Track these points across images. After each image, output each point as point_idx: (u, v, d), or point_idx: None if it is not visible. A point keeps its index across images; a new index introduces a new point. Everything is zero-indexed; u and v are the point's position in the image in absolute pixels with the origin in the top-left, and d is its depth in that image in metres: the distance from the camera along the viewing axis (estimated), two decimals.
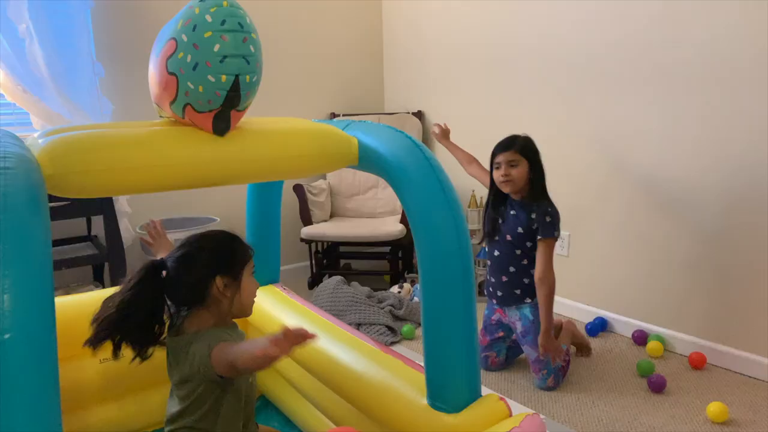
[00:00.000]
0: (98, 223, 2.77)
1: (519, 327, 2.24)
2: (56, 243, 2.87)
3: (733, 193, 2.21)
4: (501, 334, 2.34)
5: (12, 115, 2.80)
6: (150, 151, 1.13)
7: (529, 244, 2.19)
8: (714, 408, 1.93)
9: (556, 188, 2.25)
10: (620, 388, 2.18)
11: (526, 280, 2.22)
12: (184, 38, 1.09)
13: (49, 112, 2.67)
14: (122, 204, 2.84)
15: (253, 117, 1.35)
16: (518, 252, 2.21)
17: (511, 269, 2.23)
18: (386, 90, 3.94)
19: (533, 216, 2.15)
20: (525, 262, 2.22)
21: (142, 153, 1.12)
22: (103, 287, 2.88)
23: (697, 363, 2.29)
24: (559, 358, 2.15)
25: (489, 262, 2.33)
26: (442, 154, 3.56)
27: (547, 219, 2.13)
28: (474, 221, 3.16)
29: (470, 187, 3.12)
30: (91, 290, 2.77)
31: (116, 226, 2.69)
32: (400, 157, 1.27)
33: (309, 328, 1.66)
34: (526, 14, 2.89)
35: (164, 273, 1.34)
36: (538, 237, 2.14)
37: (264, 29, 3.79)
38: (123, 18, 2.96)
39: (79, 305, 1.72)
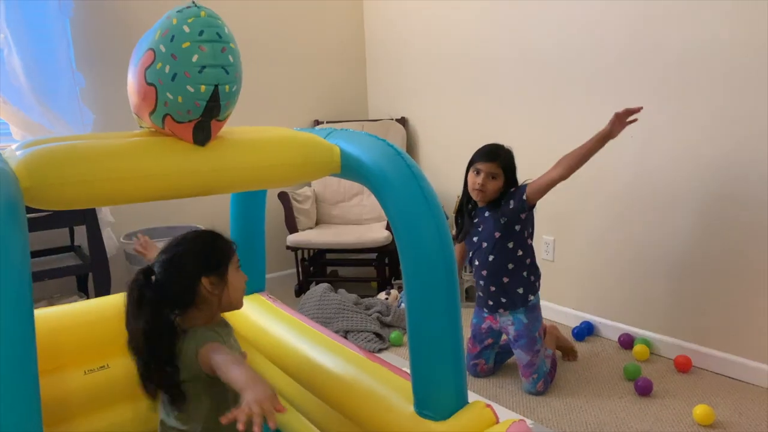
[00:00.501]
0: (81, 233, 2.74)
1: (512, 331, 2.22)
2: (39, 253, 2.84)
3: (719, 197, 2.23)
4: (490, 341, 2.33)
5: None
6: (129, 163, 1.11)
7: (515, 228, 2.17)
8: (700, 410, 1.95)
9: None
10: (607, 392, 2.19)
11: (519, 290, 2.20)
12: (162, 49, 1.09)
13: (30, 123, 2.64)
14: (105, 214, 2.81)
15: (234, 126, 1.34)
16: (511, 245, 2.19)
17: (510, 266, 2.20)
18: (370, 97, 3.95)
19: (502, 202, 2.16)
20: (520, 253, 2.20)
21: (120, 164, 1.10)
22: (87, 297, 2.85)
23: (683, 366, 2.31)
24: None
25: (481, 273, 2.27)
26: (426, 161, 3.58)
27: (511, 190, 2.17)
28: None
29: (455, 193, 3.12)
30: (75, 301, 2.74)
31: (99, 235, 2.66)
32: (381, 164, 1.27)
33: (296, 338, 1.67)
34: (508, 19, 2.90)
35: (153, 278, 1.33)
36: (524, 197, 2.11)
37: (245, 37, 3.79)
38: (102, 27, 2.94)
39: (62, 317, 1.70)
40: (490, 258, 2.21)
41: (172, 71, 1.08)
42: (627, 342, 2.53)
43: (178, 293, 1.31)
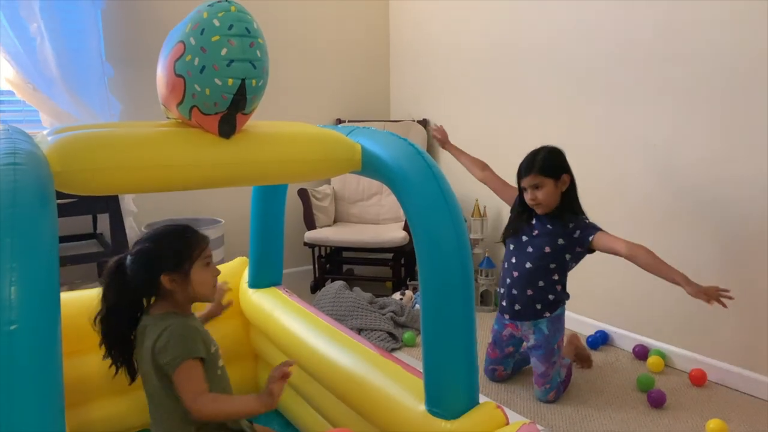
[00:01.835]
0: (104, 221, 2.79)
1: (532, 340, 2.20)
2: (62, 240, 2.89)
3: (737, 208, 2.21)
4: (511, 349, 2.31)
5: (21, 112, 2.83)
6: (156, 152, 1.14)
7: (566, 256, 2.14)
8: (713, 425, 1.92)
9: None
10: (619, 402, 2.17)
11: (551, 296, 2.18)
12: (192, 41, 1.12)
13: (58, 111, 2.69)
14: (128, 203, 2.86)
15: (259, 120, 1.36)
16: (552, 266, 2.15)
17: (540, 283, 2.16)
18: (392, 97, 3.96)
19: (571, 225, 2.10)
20: (555, 277, 2.17)
21: (148, 153, 1.13)
22: None
23: (698, 380, 2.29)
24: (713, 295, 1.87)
25: (512, 274, 2.23)
26: (446, 163, 3.57)
27: (586, 221, 2.12)
28: (477, 230, 3.16)
29: (474, 196, 3.13)
30: (96, 287, 2.78)
31: (121, 224, 2.71)
32: (402, 164, 1.28)
33: (310, 331, 1.68)
34: (531, 21, 2.90)
35: (125, 268, 1.41)
36: (590, 238, 2.06)
37: (271, 34, 3.81)
38: (133, 19, 2.99)
39: (83, 301, 1.73)
40: (528, 265, 2.17)
41: (201, 64, 1.11)
42: (641, 353, 2.51)
43: (140, 286, 1.40)
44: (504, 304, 2.27)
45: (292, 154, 1.31)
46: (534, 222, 2.19)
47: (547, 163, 2.10)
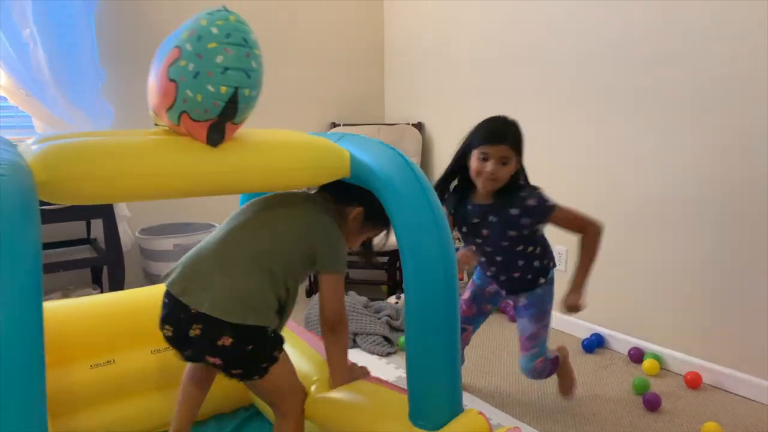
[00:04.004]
0: (98, 226, 2.78)
1: (522, 301, 2.00)
2: (55, 245, 2.88)
3: (730, 212, 2.21)
4: (489, 307, 2.13)
5: (14, 118, 2.81)
6: (142, 160, 1.13)
7: (526, 232, 1.89)
8: (709, 428, 1.92)
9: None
10: (614, 405, 2.17)
11: (536, 263, 1.97)
12: (188, 47, 1.12)
13: (51, 116, 2.68)
14: (122, 208, 2.85)
15: (247, 128, 1.36)
16: (520, 247, 1.93)
17: (520, 262, 1.95)
18: (387, 101, 3.96)
19: (515, 212, 1.84)
20: (530, 249, 1.95)
21: (134, 162, 1.12)
22: (101, 291, 2.89)
23: (693, 382, 2.28)
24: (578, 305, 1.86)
25: (490, 262, 2.00)
26: (440, 166, 3.57)
27: (530, 203, 1.83)
28: None
29: None
30: (89, 293, 2.78)
31: (115, 229, 2.70)
32: (391, 173, 1.28)
33: (290, 349, 1.66)
34: (528, 26, 2.90)
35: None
36: (545, 222, 1.87)
37: (263, 37, 3.81)
38: (126, 24, 2.99)
39: (72, 310, 1.73)
40: (498, 259, 1.97)
41: (196, 69, 1.12)
42: (637, 356, 2.51)
43: (344, 192, 1.49)
44: (496, 280, 2.04)
45: (279, 162, 1.31)
46: (474, 220, 1.92)
47: (519, 138, 1.84)
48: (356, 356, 2.53)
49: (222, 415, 1.91)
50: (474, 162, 1.82)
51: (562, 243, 2.84)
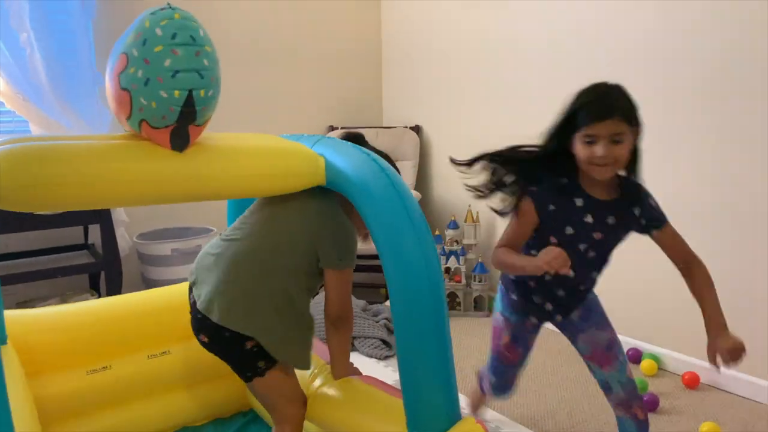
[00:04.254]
0: (96, 231, 2.78)
1: (576, 314, 1.61)
2: (52, 251, 2.88)
3: (731, 213, 2.21)
4: (533, 337, 1.72)
5: (11, 123, 2.82)
6: (102, 166, 1.08)
7: (610, 256, 1.57)
8: (707, 428, 1.92)
9: None
10: None
11: (589, 292, 1.65)
12: (135, 53, 1.07)
13: (48, 121, 2.69)
14: (120, 213, 2.85)
15: (217, 132, 1.31)
16: (597, 267, 1.57)
17: (594, 274, 1.58)
18: (385, 103, 3.96)
19: (637, 212, 1.49)
20: (595, 274, 1.60)
21: (93, 168, 1.07)
22: (99, 296, 2.88)
23: (691, 382, 2.28)
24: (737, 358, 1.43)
25: (543, 284, 1.56)
26: (438, 167, 3.57)
27: (651, 203, 1.51)
28: (470, 236, 3.15)
29: (467, 201, 3.12)
30: (87, 299, 2.77)
31: (113, 235, 2.70)
32: (366, 179, 1.23)
33: None
34: (526, 27, 2.90)
35: None
36: (654, 231, 1.51)
37: (261, 41, 3.82)
38: (124, 29, 2.97)
39: (67, 316, 1.72)
40: (596, 263, 1.55)
41: (145, 76, 1.07)
42: (635, 356, 2.51)
43: None
44: (540, 302, 1.60)
45: (250, 168, 1.25)
46: (586, 217, 1.47)
47: (630, 104, 1.42)
48: (354, 359, 2.52)
49: (220, 420, 1.90)
50: (580, 149, 1.42)
51: None
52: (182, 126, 1.12)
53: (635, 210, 1.49)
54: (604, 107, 1.39)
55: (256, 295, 1.33)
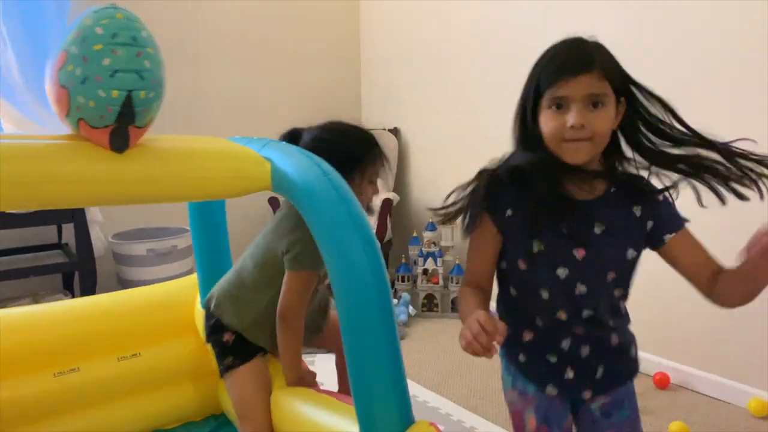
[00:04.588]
0: (70, 231, 2.75)
1: (602, 399, 1.20)
2: (26, 250, 2.85)
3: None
4: (570, 419, 1.22)
5: None
6: (35, 166, 1.05)
7: (637, 256, 1.17)
8: (676, 428, 1.96)
9: None
10: None
11: (631, 349, 1.25)
12: (74, 50, 1.05)
13: (21, 119, 2.66)
14: (94, 213, 2.82)
15: (162, 135, 1.29)
16: (623, 289, 1.19)
17: (613, 338, 1.19)
18: (363, 105, 3.96)
19: (638, 212, 1.11)
20: (621, 292, 1.20)
21: (25, 168, 1.04)
22: (72, 296, 2.85)
23: (661, 383, 2.32)
24: None
25: (563, 324, 1.14)
26: (416, 168, 3.58)
27: (663, 197, 1.13)
28: (447, 238, 3.18)
29: None
30: (60, 299, 2.74)
31: (87, 234, 2.67)
32: (311, 185, 1.20)
33: None
34: (506, 31, 2.91)
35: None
36: (667, 235, 1.13)
37: (235, 40, 3.78)
38: None
39: (37, 317, 1.70)
40: (586, 314, 1.13)
41: (83, 74, 1.05)
42: None
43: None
44: (541, 368, 1.17)
45: (193, 171, 1.22)
46: (562, 200, 1.09)
47: (612, 60, 1.08)
48: (328, 362, 2.52)
49: (191, 423, 1.89)
50: (546, 121, 1.06)
51: None
52: (121, 127, 1.10)
53: (635, 210, 1.10)
54: (576, 57, 1.05)
55: (236, 291, 1.53)
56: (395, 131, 3.64)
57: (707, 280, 1.16)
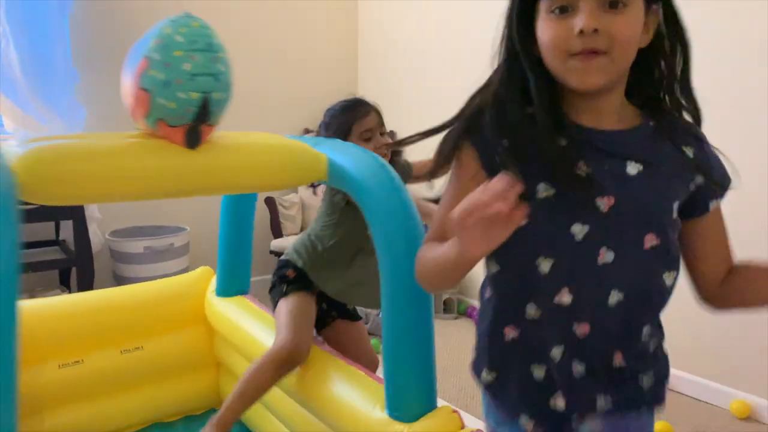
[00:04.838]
0: (67, 227, 2.77)
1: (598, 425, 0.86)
2: (23, 246, 2.84)
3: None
4: None
5: None
6: (124, 162, 1.17)
7: (673, 251, 0.88)
8: (660, 428, 2.01)
9: None
10: None
11: (656, 344, 0.97)
12: (156, 57, 1.16)
13: (22, 116, 2.67)
14: (92, 210, 2.84)
15: (226, 131, 1.39)
16: (666, 272, 0.90)
17: (645, 330, 0.94)
18: None
19: (691, 153, 0.80)
20: (658, 302, 0.95)
21: (116, 163, 1.16)
22: (69, 292, 2.87)
23: None
24: None
25: (572, 322, 0.81)
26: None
27: (714, 150, 0.84)
28: None
29: (437, 206, 3.17)
30: (56, 294, 2.76)
31: (85, 231, 2.69)
32: (366, 175, 1.32)
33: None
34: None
35: None
36: (713, 200, 0.86)
37: (234, 41, 3.81)
38: (101, 25, 2.99)
39: (41, 310, 1.73)
40: (611, 303, 0.83)
41: (165, 78, 1.16)
42: None
43: None
44: (523, 395, 0.85)
45: (258, 162, 1.34)
46: (567, 138, 0.77)
47: None
48: None
49: (192, 417, 1.92)
50: (545, 27, 0.78)
51: None
52: (197, 125, 1.21)
53: (687, 150, 0.80)
54: None
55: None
56: (391, 135, 3.68)
57: (719, 280, 0.93)
